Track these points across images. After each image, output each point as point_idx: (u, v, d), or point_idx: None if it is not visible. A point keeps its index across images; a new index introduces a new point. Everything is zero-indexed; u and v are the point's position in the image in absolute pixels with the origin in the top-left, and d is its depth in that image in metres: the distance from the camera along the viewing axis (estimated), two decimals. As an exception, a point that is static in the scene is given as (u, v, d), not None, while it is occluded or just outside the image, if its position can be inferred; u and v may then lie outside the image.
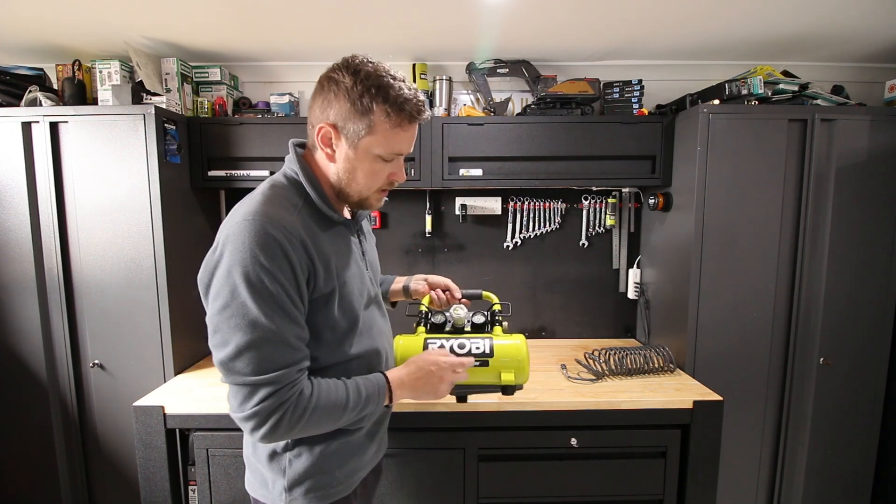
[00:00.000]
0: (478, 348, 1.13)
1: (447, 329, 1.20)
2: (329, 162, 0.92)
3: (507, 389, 1.16)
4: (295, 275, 0.83)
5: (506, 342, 1.15)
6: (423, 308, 1.27)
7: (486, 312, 1.24)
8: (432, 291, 1.31)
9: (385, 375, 0.97)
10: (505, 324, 1.24)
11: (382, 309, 1.12)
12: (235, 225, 0.82)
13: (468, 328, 1.21)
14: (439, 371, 1.01)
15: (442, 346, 1.13)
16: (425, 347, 1.13)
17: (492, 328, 1.22)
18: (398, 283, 1.35)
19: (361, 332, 0.98)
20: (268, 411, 0.80)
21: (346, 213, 1.03)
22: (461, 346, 1.14)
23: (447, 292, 1.31)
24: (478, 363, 1.12)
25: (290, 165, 0.94)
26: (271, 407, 0.80)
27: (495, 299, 1.30)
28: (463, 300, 1.32)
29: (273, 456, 0.95)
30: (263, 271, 0.79)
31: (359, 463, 1.02)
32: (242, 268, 0.78)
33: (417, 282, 1.33)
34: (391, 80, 0.86)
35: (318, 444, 0.95)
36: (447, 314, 1.20)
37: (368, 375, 0.96)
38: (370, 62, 0.87)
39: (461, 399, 1.22)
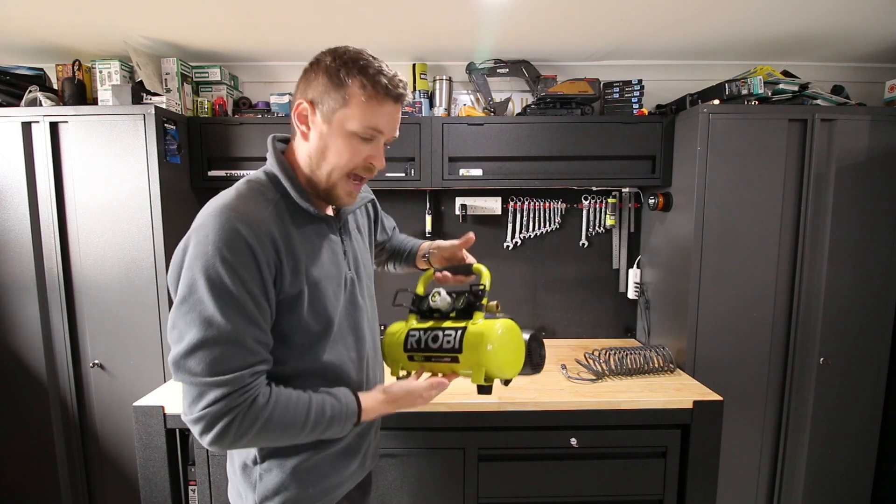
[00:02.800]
0: (448, 342, 0.97)
1: (435, 315, 1.05)
2: (303, 141, 0.87)
3: (481, 389, 0.99)
4: (261, 273, 0.78)
5: (477, 329, 0.95)
6: (419, 291, 1.11)
7: (467, 294, 1.03)
8: (437, 273, 1.12)
9: (358, 400, 0.90)
10: (493, 303, 1.02)
11: (368, 311, 1.02)
12: (203, 218, 0.78)
13: (453, 314, 1.04)
14: (411, 397, 0.96)
15: (419, 341, 1.02)
16: (406, 340, 1.03)
17: (472, 313, 1.01)
18: (422, 250, 1.23)
19: (337, 339, 0.91)
20: (216, 415, 0.75)
21: (329, 211, 0.97)
22: (435, 340, 1.00)
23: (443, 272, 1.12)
24: (449, 359, 0.98)
25: (269, 161, 0.90)
26: (220, 411, 0.75)
27: (485, 273, 1.06)
28: (457, 277, 1.12)
29: (244, 468, 0.91)
30: (225, 267, 0.74)
31: (337, 479, 0.95)
32: (203, 262, 0.74)
33: (432, 254, 1.20)
34: (371, 60, 0.84)
35: (291, 458, 0.90)
36: (430, 300, 1.05)
37: (339, 395, 0.88)
38: (353, 48, 0.85)
39: (484, 391, 1.01)
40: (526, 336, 1.00)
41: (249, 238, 0.76)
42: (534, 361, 1.00)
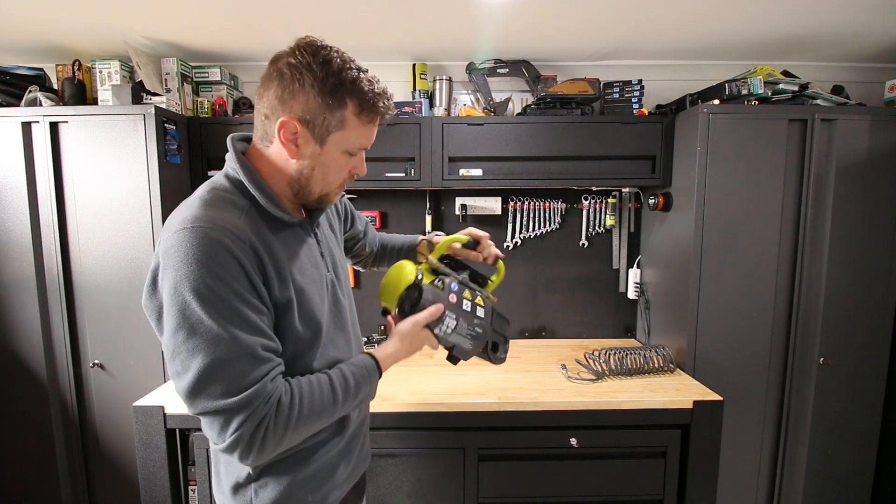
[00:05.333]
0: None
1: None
2: (291, 158, 0.82)
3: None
4: (250, 279, 0.74)
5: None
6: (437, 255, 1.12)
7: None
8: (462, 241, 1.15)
9: (373, 357, 0.91)
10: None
11: (348, 309, 1.01)
12: (174, 235, 0.71)
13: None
14: (418, 327, 0.94)
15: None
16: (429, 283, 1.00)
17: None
18: (422, 242, 1.26)
19: (327, 343, 0.89)
20: (249, 435, 0.72)
21: (301, 213, 0.94)
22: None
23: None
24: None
25: (231, 164, 0.83)
26: (251, 429, 0.72)
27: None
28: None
29: (237, 488, 0.87)
30: (215, 281, 0.70)
31: (332, 485, 0.93)
32: (190, 282, 0.69)
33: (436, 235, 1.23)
34: (359, 73, 0.79)
35: (287, 473, 0.87)
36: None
37: (353, 360, 0.90)
38: (335, 50, 0.79)
39: (454, 361, 1.05)
40: (411, 278, 0.99)
41: (230, 247, 0.72)
42: (401, 306, 0.99)
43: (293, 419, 0.76)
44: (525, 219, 2.15)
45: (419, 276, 1.00)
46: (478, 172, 1.87)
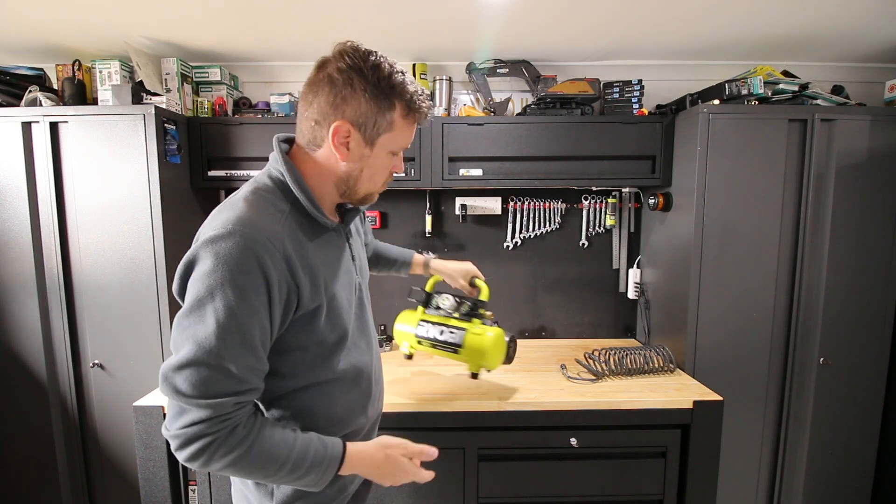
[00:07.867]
0: (452, 337, 1.41)
1: (439, 311, 1.49)
2: (341, 161, 0.85)
3: (473, 376, 1.47)
4: (270, 294, 0.76)
5: (476, 335, 1.39)
6: (427, 290, 1.54)
7: (470, 303, 1.46)
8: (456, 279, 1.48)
9: (345, 447, 0.87)
10: (488, 313, 1.46)
11: (370, 312, 1.04)
12: (212, 231, 0.75)
13: (456, 315, 1.46)
14: (401, 467, 0.94)
15: (428, 330, 1.46)
16: (418, 327, 1.47)
17: (471, 320, 1.44)
18: (417, 260, 1.48)
19: (351, 346, 0.92)
20: (192, 437, 0.73)
21: (335, 217, 0.97)
22: (441, 333, 1.43)
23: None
24: (450, 350, 1.42)
25: (275, 165, 0.86)
26: (197, 434, 0.73)
27: (485, 289, 1.47)
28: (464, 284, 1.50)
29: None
30: (234, 289, 0.72)
31: (350, 477, 0.96)
32: (212, 280, 0.72)
33: (437, 264, 1.49)
34: (403, 76, 0.84)
35: None
36: (438, 300, 1.51)
37: (327, 441, 0.85)
38: (380, 54, 0.82)
39: (475, 377, 1.47)
40: (507, 338, 1.45)
41: (263, 257, 0.74)
42: (509, 356, 1.48)
43: (235, 452, 0.75)
44: (525, 219, 2.15)
45: (509, 335, 1.47)
46: (478, 172, 1.87)
